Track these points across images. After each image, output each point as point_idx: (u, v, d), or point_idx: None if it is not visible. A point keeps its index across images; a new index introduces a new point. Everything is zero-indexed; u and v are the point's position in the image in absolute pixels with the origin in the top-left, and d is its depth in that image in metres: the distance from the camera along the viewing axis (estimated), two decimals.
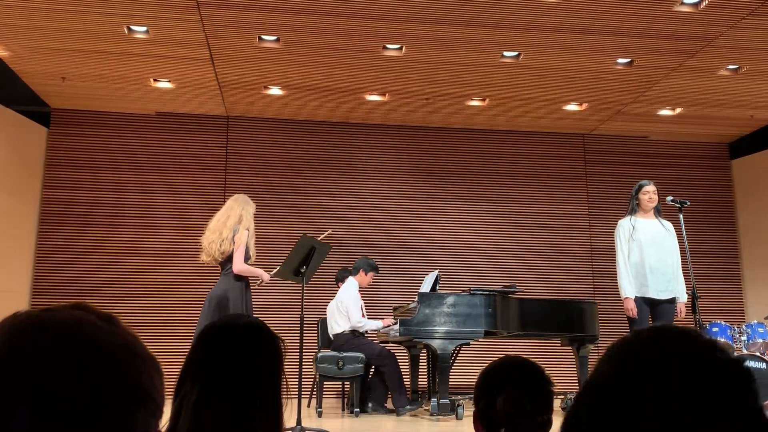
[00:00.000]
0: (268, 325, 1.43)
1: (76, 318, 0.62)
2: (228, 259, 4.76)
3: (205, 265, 4.95)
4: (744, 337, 6.49)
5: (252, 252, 4.86)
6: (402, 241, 8.12)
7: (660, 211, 5.19)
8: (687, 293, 4.95)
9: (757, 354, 6.30)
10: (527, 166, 8.51)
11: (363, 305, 6.35)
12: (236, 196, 5.04)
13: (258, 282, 4.93)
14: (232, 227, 4.76)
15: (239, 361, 1.30)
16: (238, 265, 4.70)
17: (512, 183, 8.45)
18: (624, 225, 5.14)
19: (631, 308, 4.91)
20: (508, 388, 1.33)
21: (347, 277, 6.35)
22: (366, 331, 6.17)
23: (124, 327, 0.65)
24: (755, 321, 6.68)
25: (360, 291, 6.27)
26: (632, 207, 5.18)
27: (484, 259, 8.19)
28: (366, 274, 6.28)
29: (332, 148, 8.25)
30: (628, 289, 4.95)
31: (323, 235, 5.20)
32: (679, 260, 5.08)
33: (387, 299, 7.48)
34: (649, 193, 5.12)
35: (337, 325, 6.11)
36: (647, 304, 4.97)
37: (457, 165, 8.41)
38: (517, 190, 8.44)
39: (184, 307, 7.43)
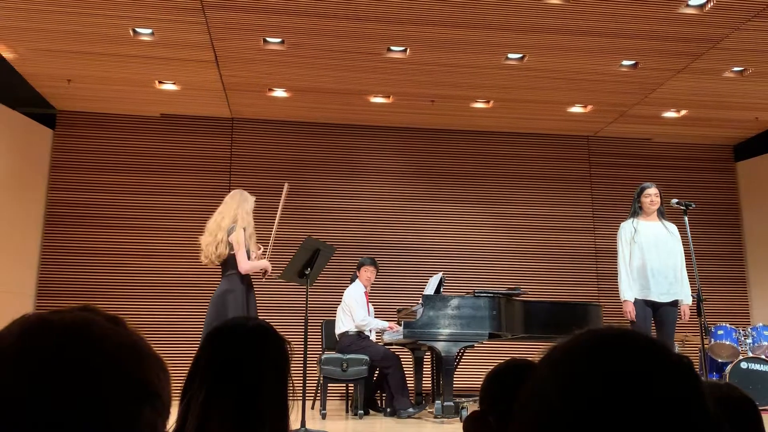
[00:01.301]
0: (272, 326, 1.44)
1: (83, 319, 0.63)
2: (225, 262, 4.70)
3: (209, 266, 4.93)
4: (749, 340, 6.47)
5: (253, 247, 4.79)
6: (406, 243, 8.12)
7: (664, 214, 5.15)
8: (692, 296, 4.91)
9: (763, 357, 6.28)
10: (531, 168, 8.51)
11: (372, 310, 6.35)
12: (233, 192, 4.92)
13: (265, 275, 4.86)
14: (226, 228, 4.67)
15: (246, 363, 1.30)
16: (243, 265, 4.64)
17: (516, 185, 8.44)
18: (625, 227, 5.11)
19: (630, 311, 4.87)
20: (515, 390, 1.32)
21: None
22: (371, 330, 6.17)
23: (130, 328, 0.66)
24: (760, 324, 6.67)
25: (367, 293, 6.27)
26: (634, 209, 5.14)
27: (488, 261, 8.18)
28: (359, 271, 6.29)
29: (336, 150, 8.26)
30: (627, 292, 4.92)
31: (283, 193, 5.07)
32: (683, 263, 5.04)
33: (391, 301, 7.48)
34: (651, 195, 5.08)
35: (342, 324, 6.12)
36: (649, 306, 4.94)
37: (461, 167, 8.41)
38: (521, 192, 8.43)
39: (189, 309, 7.44)
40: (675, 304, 4.94)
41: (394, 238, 8.11)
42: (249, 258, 4.71)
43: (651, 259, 4.93)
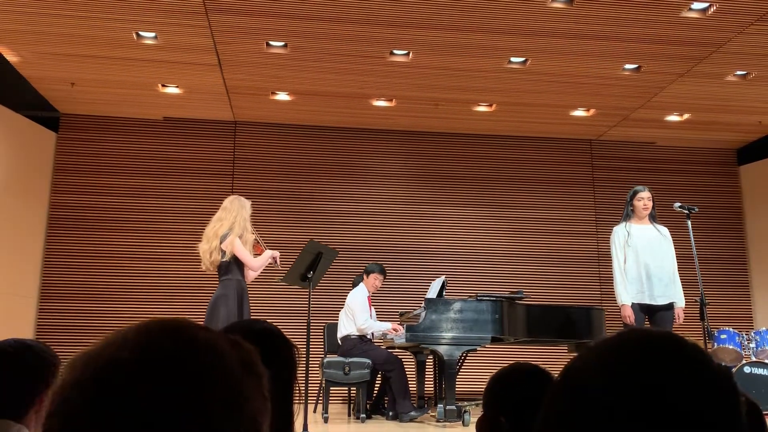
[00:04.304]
0: (280, 330, 1.44)
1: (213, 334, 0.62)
2: (219, 267, 4.77)
3: (211, 270, 4.95)
4: (752, 345, 6.45)
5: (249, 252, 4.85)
6: (408, 246, 8.11)
7: (655, 217, 5.13)
8: (696, 299, 4.90)
9: (766, 361, 6.26)
10: (534, 172, 8.50)
11: (374, 313, 6.34)
12: (230, 198, 4.94)
13: (275, 263, 4.90)
14: (220, 235, 4.74)
15: None
16: (253, 264, 4.75)
17: (519, 189, 8.44)
18: (619, 231, 5.08)
19: (629, 315, 4.84)
20: (519, 394, 1.32)
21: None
22: (373, 334, 6.16)
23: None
24: (764, 328, 6.64)
25: (369, 297, 6.26)
26: (626, 213, 5.12)
27: (490, 265, 8.17)
28: (368, 277, 6.27)
29: (339, 154, 8.27)
30: (625, 295, 4.89)
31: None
32: (676, 265, 5.02)
33: (393, 304, 7.47)
34: (644, 199, 5.05)
35: (345, 327, 6.12)
36: (643, 311, 4.92)
37: (463, 171, 8.41)
38: (524, 196, 8.42)
39: (192, 312, 7.43)
40: (670, 307, 4.92)
41: (397, 242, 8.10)
42: (242, 267, 4.79)
43: (646, 261, 4.91)
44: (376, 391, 6.40)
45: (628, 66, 6.55)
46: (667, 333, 0.63)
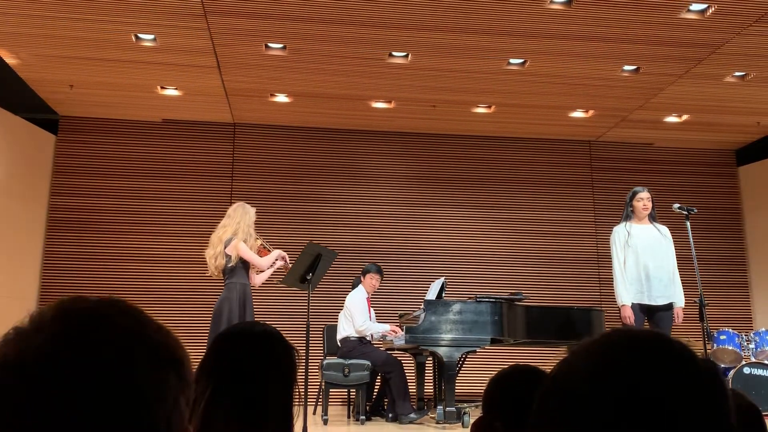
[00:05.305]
0: (280, 333, 1.44)
1: (113, 298, 0.65)
2: (225, 272, 4.83)
3: (216, 275, 4.98)
4: (752, 345, 6.45)
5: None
6: (408, 247, 8.11)
7: (655, 217, 5.13)
8: (695, 300, 4.90)
9: (765, 362, 6.26)
10: (533, 173, 8.50)
11: (374, 315, 6.34)
12: (235, 206, 5.06)
13: (286, 263, 4.95)
14: (224, 241, 4.83)
15: (253, 368, 1.30)
16: (261, 263, 4.82)
17: (518, 190, 8.44)
18: (619, 231, 5.09)
19: (629, 315, 4.84)
20: (519, 396, 1.32)
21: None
22: (372, 336, 6.16)
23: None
24: (763, 329, 6.64)
25: (369, 299, 6.26)
26: (626, 213, 5.13)
27: (490, 267, 8.17)
28: (365, 278, 6.28)
29: (338, 155, 8.27)
30: (625, 296, 4.89)
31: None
32: (676, 265, 5.03)
33: (393, 306, 7.47)
34: (643, 200, 5.06)
35: (344, 329, 6.12)
36: (643, 311, 4.92)
37: (463, 172, 8.41)
38: (523, 197, 8.43)
39: (191, 314, 7.44)
40: (670, 307, 4.93)
41: (396, 243, 8.10)
42: (248, 269, 4.83)
43: (647, 262, 4.92)
44: (375, 393, 6.39)
45: (627, 67, 6.56)
46: (654, 332, 0.63)
